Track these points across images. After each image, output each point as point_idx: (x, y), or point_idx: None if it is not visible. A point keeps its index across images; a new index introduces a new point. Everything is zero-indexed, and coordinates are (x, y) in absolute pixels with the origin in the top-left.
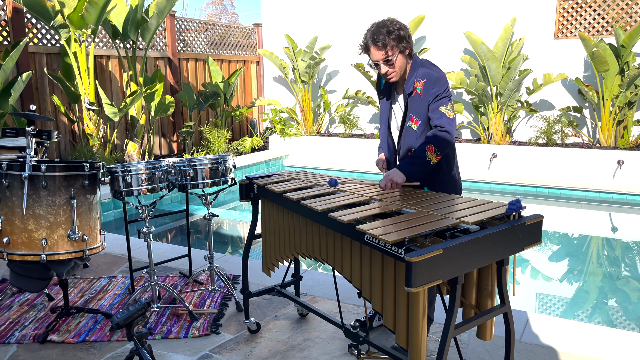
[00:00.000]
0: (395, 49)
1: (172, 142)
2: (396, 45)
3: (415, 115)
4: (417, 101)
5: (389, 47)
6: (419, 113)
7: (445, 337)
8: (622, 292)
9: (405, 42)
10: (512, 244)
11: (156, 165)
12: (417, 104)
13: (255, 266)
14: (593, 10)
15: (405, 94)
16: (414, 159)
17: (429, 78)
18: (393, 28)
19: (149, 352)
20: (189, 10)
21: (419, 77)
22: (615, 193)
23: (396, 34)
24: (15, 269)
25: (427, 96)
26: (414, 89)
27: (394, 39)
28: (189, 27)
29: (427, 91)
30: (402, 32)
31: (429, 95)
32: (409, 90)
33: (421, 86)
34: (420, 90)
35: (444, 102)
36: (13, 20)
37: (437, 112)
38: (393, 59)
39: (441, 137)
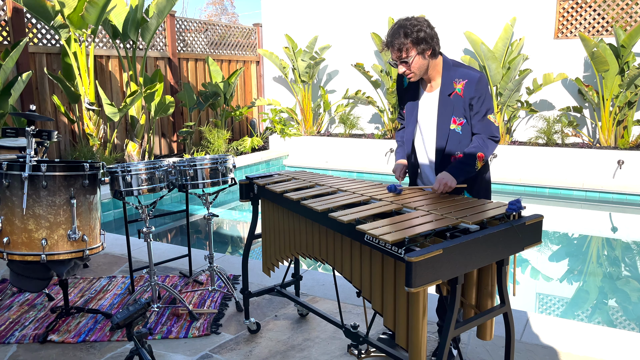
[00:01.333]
0: (411, 51)
1: (172, 142)
2: (412, 47)
3: (458, 117)
4: (459, 102)
5: (404, 49)
6: (461, 114)
7: (446, 337)
8: (622, 292)
9: (425, 43)
10: (512, 244)
11: (156, 165)
12: (459, 105)
13: (255, 266)
14: (593, 10)
15: (444, 95)
16: (464, 165)
17: (470, 79)
18: (411, 30)
19: (149, 352)
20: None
21: (459, 78)
22: (615, 193)
23: (414, 36)
24: (15, 269)
25: (469, 96)
26: (454, 90)
27: (411, 41)
28: (189, 27)
29: (468, 91)
30: (422, 34)
31: (471, 95)
32: (448, 91)
33: (462, 86)
34: (461, 90)
35: (491, 109)
36: (13, 20)
37: (487, 120)
38: (409, 60)
39: (492, 147)
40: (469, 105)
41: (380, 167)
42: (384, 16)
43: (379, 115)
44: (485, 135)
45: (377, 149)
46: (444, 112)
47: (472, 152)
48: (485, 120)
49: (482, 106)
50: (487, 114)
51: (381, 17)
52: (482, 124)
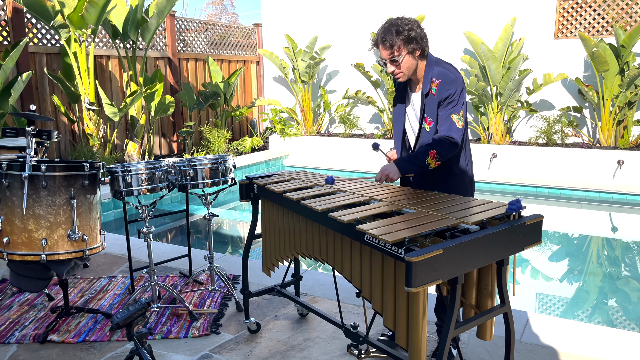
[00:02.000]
0: (402, 49)
1: (172, 142)
2: (403, 46)
3: (429, 116)
4: (432, 101)
5: (395, 47)
6: (432, 114)
7: (446, 337)
8: (622, 292)
9: (415, 43)
10: (512, 244)
11: (156, 165)
12: (431, 105)
13: (255, 266)
14: (593, 10)
15: (423, 94)
16: (414, 158)
17: (445, 78)
18: (403, 28)
19: (149, 352)
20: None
21: (435, 77)
22: (615, 193)
23: (405, 35)
24: (15, 269)
25: (440, 96)
26: (429, 89)
27: (402, 39)
28: (189, 27)
29: (440, 91)
30: (413, 33)
31: (442, 95)
32: (426, 90)
33: (436, 86)
34: (435, 90)
35: (457, 109)
36: (13, 20)
37: (448, 120)
38: (399, 59)
39: (446, 146)
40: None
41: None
42: (384, 16)
43: (379, 115)
44: (443, 135)
45: None
46: (420, 113)
47: (425, 149)
48: (448, 120)
49: (448, 105)
50: (452, 112)
51: (381, 17)
52: (444, 122)
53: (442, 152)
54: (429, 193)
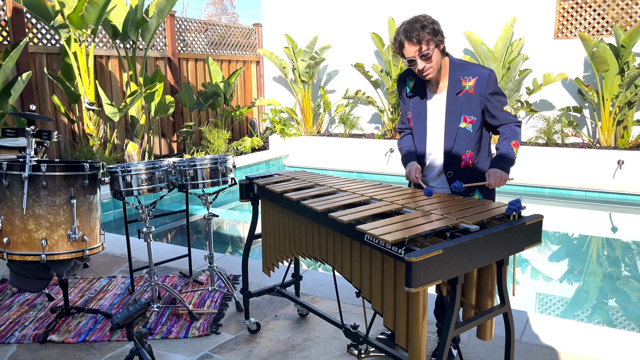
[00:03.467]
0: (431, 43)
1: (172, 142)
2: (432, 39)
3: (469, 115)
4: (470, 99)
5: (424, 42)
6: (472, 111)
7: (446, 337)
8: (622, 292)
9: (440, 35)
10: (512, 244)
11: (156, 165)
12: (470, 102)
13: (255, 266)
14: (593, 10)
15: (452, 94)
16: (506, 156)
17: (481, 75)
18: (427, 22)
19: (149, 352)
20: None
21: (467, 75)
22: (615, 193)
23: (430, 28)
24: (15, 269)
25: (480, 93)
26: (462, 88)
27: (429, 32)
28: (189, 27)
29: (480, 88)
30: (436, 26)
31: (483, 92)
32: (456, 89)
33: (472, 84)
34: (471, 87)
35: (505, 101)
36: (13, 20)
37: (504, 112)
38: (430, 52)
39: (519, 132)
40: (482, 102)
41: (380, 167)
42: (384, 16)
43: (379, 115)
44: (511, 124)
45: (377, 149)
46: (453, 112)
47: (507, 142)
48: (504, 112)
49: (497, 100)
50: (503, 105)
51: (381, 17)
52: (502, 115)
53: (519, 139)
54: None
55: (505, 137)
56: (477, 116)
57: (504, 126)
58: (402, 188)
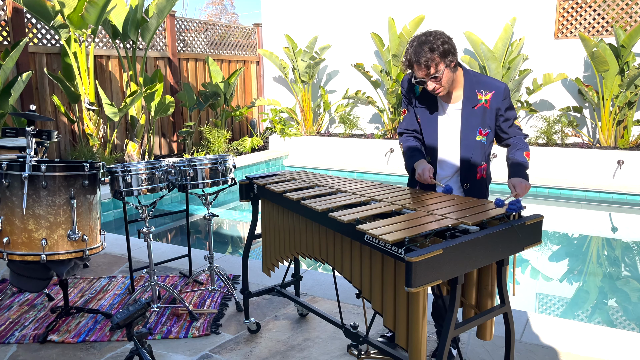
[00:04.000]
0: (440, 65)
1: (172, 142)
2: (441, 61)
3: (484, 128)
4: (486, 113)
5: (432, 65)
6: (487, 124)
7: (445, 337)
8: (622, 292)
9: (451, 55)
10: (512, 244)
11: (156, 165)
12: (485, 116)
13: (255, 266)
14: (593, 10)
15: (467, 107)
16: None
17: (497, 90)
18: (436, 44)
19: (149, 352)
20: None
21: (483, 89)
22: (615, 193)
23: (440, 50)
24: (15, 269)
25: (497, 107)
26: (479, 102)
27: (439, 55)
28: (189, 27)
29: (496, 102)
30: (446, 46)
31: (499, 106)
32: (472, 103)
33: (489, 98)
34: (487, 101)
35: (515, 115)
36: (13, 20)
37: (515, 125)
38: (439, 74)
39: (527, 144)
40: (497, 115)
41: (380, 167)
42: (384, 16)
43: (379, 115)
44: (521, 136)
45: (377, 149)
46: (469, 125)
47: (521, 153)
48: (515, 125)
49: (510, 115)
50: (514, 118)
51: (381, 17)
52: (513, 128)
53: (529, 150)
54: (429, 193)
55: (518, 147)
56: (491, 129)
57: (514, 138)
58: (402, 188)
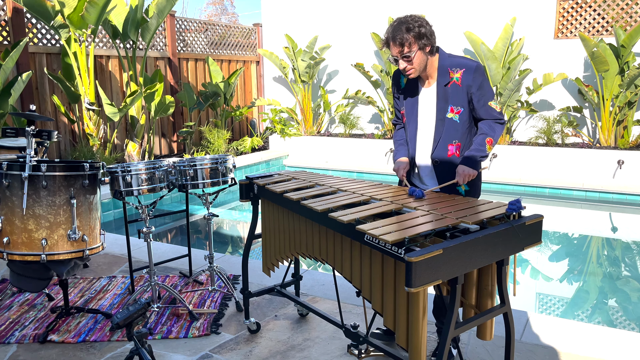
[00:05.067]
0: (413, 46)
1: (172, 142)
2: (415, 42)
3: (456, 105)
4: (457, 90)
5: (406, 44)
6: (459, 102)
7: (446, 337)
8: (622, 292)
9: (426, 39)
10: (512, 244)
11: (156, 165)
12: (456, 94)
13: (255, 266)
14: (593, 10)
15: (440, 85)
16: (478, 152)
17: (468, 67)
18: (413, 25)
19: (149, 352)
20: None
21: (455, 67)
22: (615, 193)
23: (416, 31)
24: (15, 269)
25: (467, 84)
26: (450, 79)
27: (413, 35)
28: (189, 27)
29: (466, 80)
30: (422, 30)
31: (470, 83)
32: (444, 81)
33: (460, 75)
34: (458, 79)
35: (491, 95)
36: (13, 20)
37: (487, 108)
38: (411, 55)
39: (499, 129)
40: (468, 93)
41: (380, 167)
42: (384, 16)
43: (379, 115)
44: (490, 120)
45: (377, 149)
46: (441, 102)
47: (481, 138)
48: (487, 106)
49: (482, 94)
50: (488, 99)
51: (381, 17)
52: (485, 109)
53: (495, 136)
54: (429, 193)
55: (481, 132)
56: (464, 107)
57: (483, 121)
58: (402, 188)
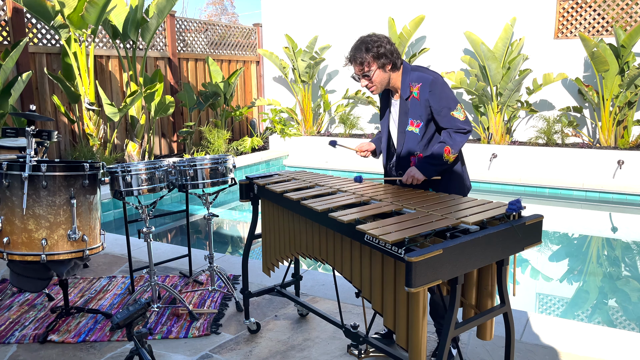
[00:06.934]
0: (372, 65)
1: (172, 142)
2: (374, 61)
3: (415, 119)
4: (415, 104)
5: (365, 64)
6: (418, 116)
7: (446, 337)
8: (622, 292)
9: (385, 58)
10: (512, 244)
11: (156, 165)
12: (415, 108)
13: (255, 266)
14: (593, 10)
15: (402, 99)
16: (432, 159)
17: (424, 81)
18: (372, 45)
19: (149, 352)
20: (189, 10)
21: (414, 81)
22: (615, 193)
23: (374, 52)
24: (15, 269)
25: (425, 98)
26: (410, 93)
27: (372, 56)
28: (189, 27)
29: (424, 93)
30: (382, 50)
31: (427, 97)
32: (405, 95)
33: (417, 90)
34: (417, 93)
35: (452, 105)
36: (13, 20)
37: (449, 117)
38: (370, 74)
39: (460, 138)
40: (427, 107)
41: (380, 167)
42: (384, 16)
43: (378, 116)
44: (451, 130)
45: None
46: (402, 116)
47: (439, 147)
48: (449, 116)
49: (440, 105)
50: (449, 111)
51: (381, 17)
52: (447, 119)
53: (454, 145)
54: (429, 193)
55: (440, 141)
56: (423, 120)
57: (444, 131)
58: (402, 188)
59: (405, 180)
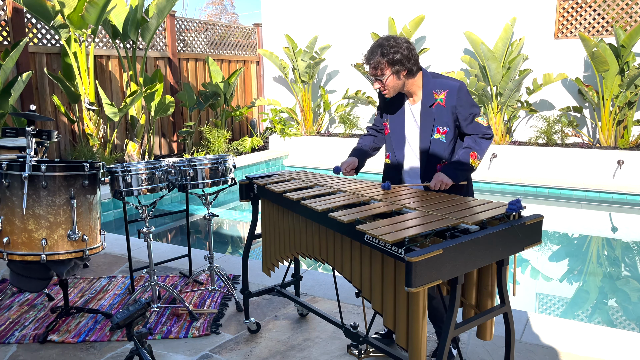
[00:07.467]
0: (386, 70)
1: (172, 142)
2: (387, 67)
3: (442, 126)
4: (442, 111)
5: (379, 69)
6: (445, 123)
7: (446, 337)
8: (622, 292)
9: (400, 64)
10: (512, 244)
11: (156, 165)
12: (442, 114)
13: (255, 266)
14: (593, 10)
15: (425, 106)
16: (459, 164)
17: (451, 88)
18: (388, 50)
19: (149, 352)
20: (189, 10)
21: (438, 88)
22: (615, 193)
23: (389, 58)
24: (15, 269)
25: (451, 106)
26: (435, 100)
27: (387, 61)
28: (189, 27)
29: (451, 100)
30: (397, 56)
31: (455, 104)
32: (429, 102)
33: (444, 96)
34: (443, 100)
35: (476, 111)
36: (13, 20)
37: (475, 124)
38: (383, 79)
39: (485, 144)
40: (454, 113)
41: (380, 167)
42: (384, 16)
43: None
44: (476, 135)
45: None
46: (426, 123)
47: (465, 152)
48: (475, 123)
49: (467, 112)
50: (474, 118)
51: (381, 17)
52: (472, 126)
53: (480, 150)
54: (429, 193)
55: (466, 146)
56: (449, 127)
57: (469, 137)
58: (402, 188)
59: (434, 185)
